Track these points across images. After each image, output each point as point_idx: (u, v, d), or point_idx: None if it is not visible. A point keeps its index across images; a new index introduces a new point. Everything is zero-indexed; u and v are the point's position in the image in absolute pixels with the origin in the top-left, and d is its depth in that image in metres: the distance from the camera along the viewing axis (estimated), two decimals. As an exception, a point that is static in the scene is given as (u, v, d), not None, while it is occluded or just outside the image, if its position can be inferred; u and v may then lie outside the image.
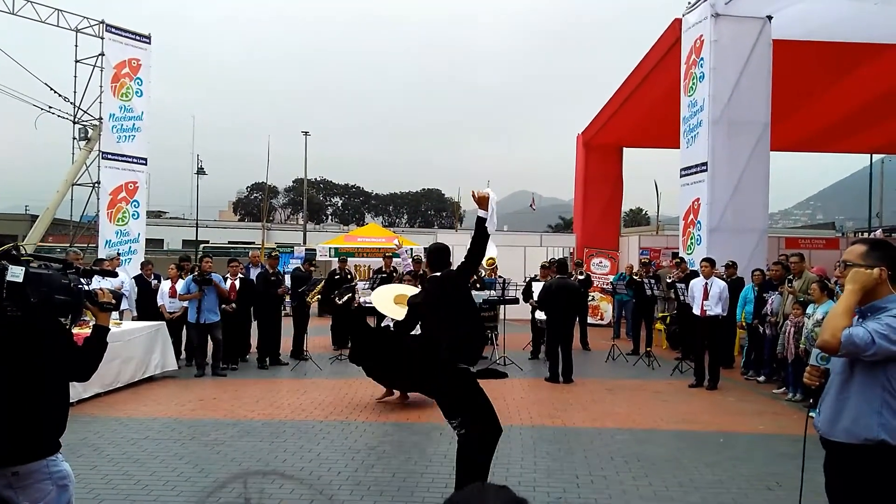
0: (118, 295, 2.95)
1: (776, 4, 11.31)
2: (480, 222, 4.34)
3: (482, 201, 4.31)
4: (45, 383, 2.63)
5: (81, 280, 2.75)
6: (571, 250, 19.16)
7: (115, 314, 9.28)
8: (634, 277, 12.23)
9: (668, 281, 11.33)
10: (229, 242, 65.19)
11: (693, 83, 12.13)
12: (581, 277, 12.38)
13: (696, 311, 9.10)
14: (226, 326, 9.69)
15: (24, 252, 2.65)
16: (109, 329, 2.94)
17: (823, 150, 20.25)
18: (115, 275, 6.74)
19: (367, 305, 9.84)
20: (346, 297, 11.80)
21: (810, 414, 3.02)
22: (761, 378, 9.44)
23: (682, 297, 10.21)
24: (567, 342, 9.43)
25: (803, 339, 7.98)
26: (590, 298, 14.58)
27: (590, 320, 14.67)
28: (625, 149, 19.71)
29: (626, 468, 5.50)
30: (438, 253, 4.73)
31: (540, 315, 10.79)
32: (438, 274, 4.62)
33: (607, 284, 15.88)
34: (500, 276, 12.73)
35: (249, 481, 4.98)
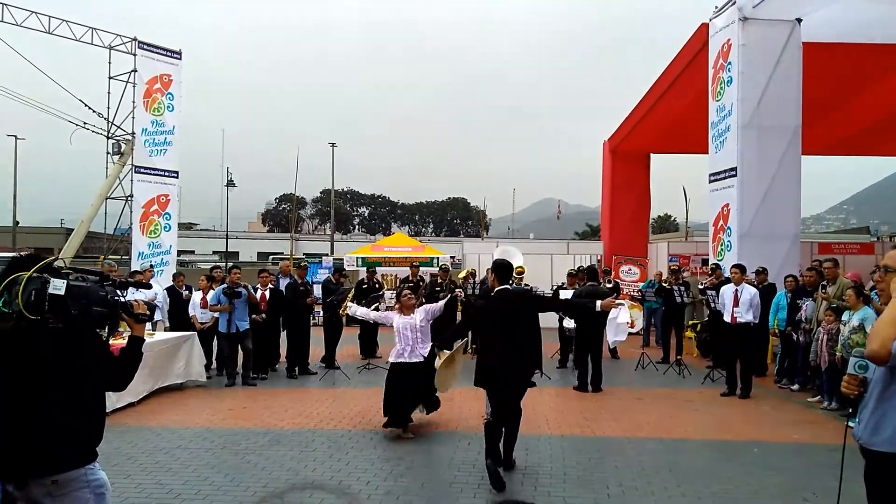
0: (152, 306, 3.02)
1: (806, 7, 11.13)
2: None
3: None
4: (84, 393, 2.69)
5: (118, 292, 2.81)
6: (599, 258, 19.00)
7: (148, 325, 9.46)
8: (664, 285, 12.09)
9: (700, 287, 11.18)
10: (259, 254, 66.29)
11: (721, 87, 11.99)
12: (610, 285, 12.27)
13: (727, 318, 8.96)
14: (255, 336, 9.78)
15: (64, 265, 2.72)
16: (145, 340, 3.00)
17: (857, 153, 19.82)
18: (149, 286, 6.90)
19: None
20: (374, 307, 11.91)
21: (849, 423, 2.95)
22: (795, 386, 9.25)
23: (713, 305, 10.07)
24: (596, 350, 9.36)
25: (839, 347, 7.80)
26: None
27: (620, 328, 14.53)
28: (652, 155, 19.54)
29: (658, 479, 5.42)
30: (504, 269, 5.66)
31: (568, 323, 10.72)
32: (507, 287, 5.56)
33: (636, 292, 15.72)
34: (526, 284, 12.67)
35: (286, 498, 5.01)
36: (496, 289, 5.64)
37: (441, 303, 7.11)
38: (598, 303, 5.72)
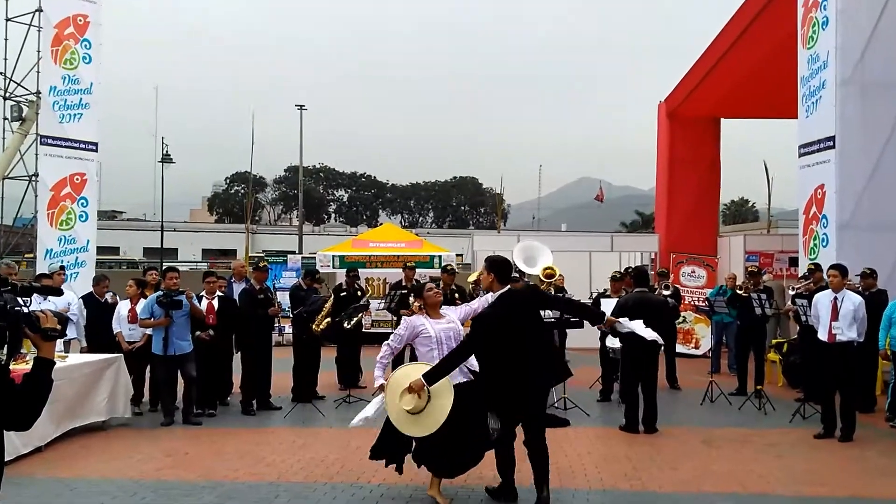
0: (64, 319, 3.02)
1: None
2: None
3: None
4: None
5: (19, 300, 2.82)
6: (653, 256, 18.95)
7: (59, 344, 9.49)
8: (738, 292, 12.07)
9: (791, 292, 11.15)
10: (204, 252, 66.42)
11: (814, 32, 11.96)
12: (667, 292, 12.27)
13: (823, 335, 8.95)
14: (201, 360, 9.81)
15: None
16: (55, 363, 3.01)
17: None
18: (60, 293, 6.89)
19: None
20: (355, 320, 11.95)
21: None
22: (913, 426, 9.24)
23: (804, 318, 10.05)
24: (650, 378, 9.34)
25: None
26: (679, 320, 14.44)
27: (679, 349, 14.51)
28: (723, 120, 19.51)
29: (731, 547, 5.43)
30: (504, 265, 5.93)
31: (612, 342, 10.71)
32: (510, 288, 5.89)
33: (702, 301, 15.70)
34: (561, 292, 12.66)
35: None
36: (498, 293, 5.89)
37: (486, 297, 6.43)
38: (607, 316, 6.57)
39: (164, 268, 10.50)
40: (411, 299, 7.20)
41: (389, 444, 6.47)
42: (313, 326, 10.82)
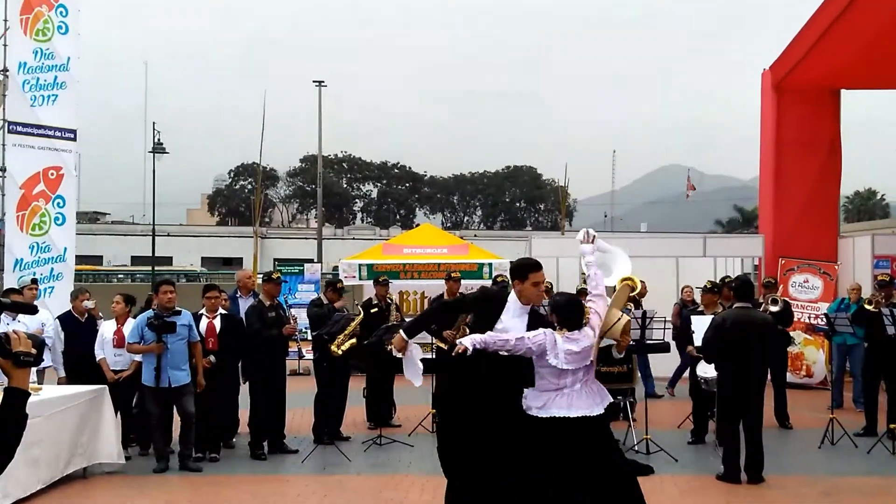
0: (40, 342, 3.06)
1: None
2: None
3: None
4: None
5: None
6: (756, 262, 18.70)
7: (32, 373, 9.60)
8: (867, 306, 11.87)
9: None
10: (204, 260, 67.22)
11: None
12: (774, 308, 12.09)
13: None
14: (201, 392, 9.87)
15: None
16: (29, 394, 3.05)
17: None
18: (34, 310, 6.95)
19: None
20: (387, 342, 11.96)
21: None
22: None
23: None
24: (754, 415, 9.21)
25: None
26: (789, 342, 14.22)
27: (790, 378, 14.28)
28: (844, 92, 19.21)
29: None
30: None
31: (706, 371, 10.60)
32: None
33: (818, 318, 15.44)
34: (631, 307, 12.54)
35: None
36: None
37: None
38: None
39: (157, 281, 10.56)
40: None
41: None
42: (332, 347, 10.73)
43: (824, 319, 12.73)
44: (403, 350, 6.38)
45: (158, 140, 43.48)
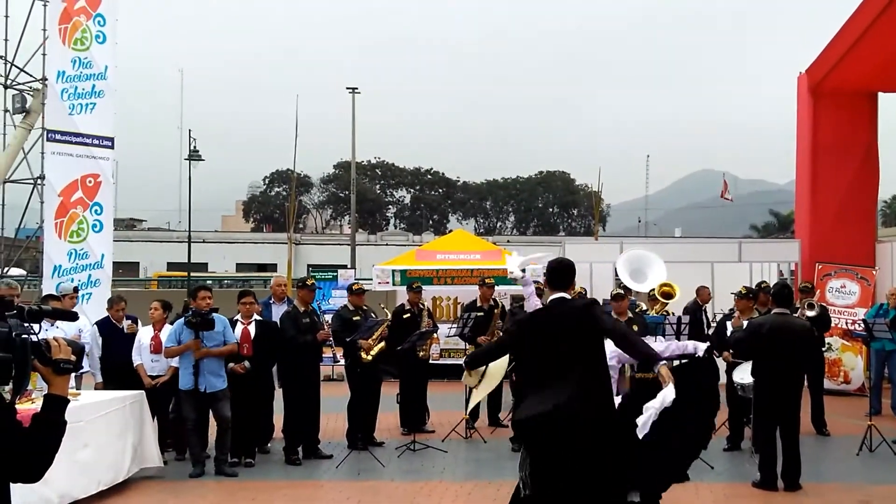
0: (80, 348, 3.09)
1: None
2: None
3: None
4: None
5: (25, 326, 2.89)
6: (793, 267, 18.52)
7: (71, 379, 9.70)
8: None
9: None
10: (239, 266, 67.64)
11: None
12: (811, 313, 11.98)
13: None
14: (236, 397, 9.95)
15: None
16: (69, 401, 3.07)
17: None
18: (74, 317, 6.97)
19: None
20: (420, 349, 12.01)
21: None
22: None
23: None
24: (791, 421, 9.15)
25: None
26: (825, 348, 14.09)
27: (827, 384, 14.14)
28: (881, 95, 19.02)
29: None
30: (561, 270, 6.11)
31: (742, 376, 10.51)
32: (565, 296, 5.96)
33: (856, 324, 15.27)
34: (668, 312, 12.48)
35: None
36: (550, 298, 6.03)
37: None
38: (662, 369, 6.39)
39: (193, 286, 10.60)
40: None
41: None
42: (362, 354, 10.80)
43: (862, 325, 12.62)
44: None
45: (194, 147, 43.67)
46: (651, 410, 6.20)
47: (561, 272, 6.08)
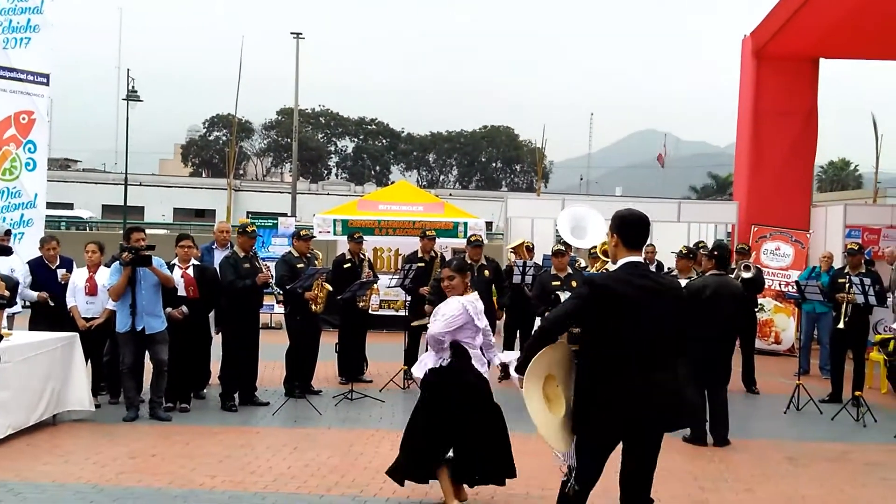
0: (13, 283, 3.04)
1: None
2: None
3: None
4: None
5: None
6: (730, 228, 18.79)
7: (4, 317, 9.54)
8: (840, 279, 11.97)
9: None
10: (176, 211, 66.80)
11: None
12: (747, 275, 12.17)
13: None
14: (173, 342, 9.83)
15: None
16: (2, 337, 3.04)
17: None
18: (8, 251, 6.83)
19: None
20: (360, 299, 11.98)
21: None
22: None
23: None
24: (721, 380, 9.35)
25: None
26: (757, 308, 14.34)
27: (759, 344, 14.43)
28: (823, 61, 19.24)
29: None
30: (639, 225, 5.28)
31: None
32: (640, 261, 5.22)
33: (788, 286, 15.58)
34: (608, 270, 12.57)
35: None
36: (623, 261, 5.17)
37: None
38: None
39: (127, 229, 10.40)
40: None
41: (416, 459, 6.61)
42: (312, 307, 10.82)
43: (795, 287, 12.86)
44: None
45: (133, 88, 42.91)
46: None
47: (642, 227, 5.33)
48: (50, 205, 16.89)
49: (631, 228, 5.20)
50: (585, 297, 5.04)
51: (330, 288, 11.00)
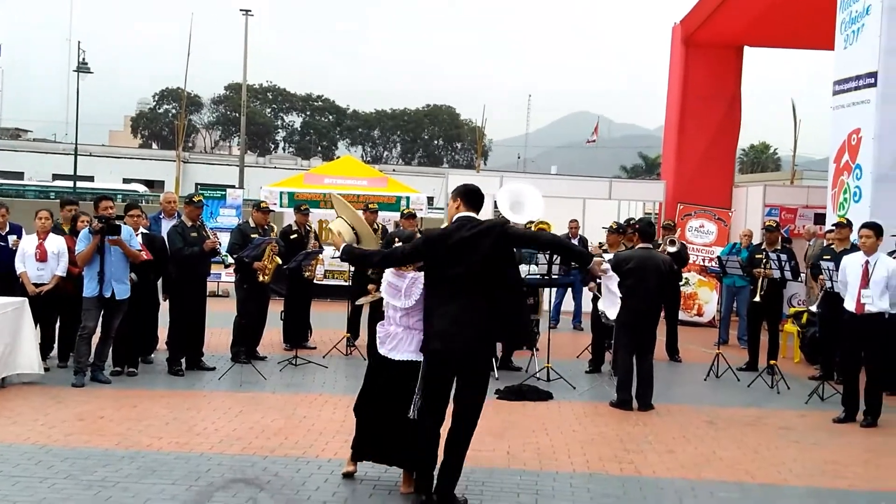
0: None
1: None
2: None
3: None
4: None
5: None
6: (657, 206, 18.98)
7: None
8: (757, 255, 12.17)
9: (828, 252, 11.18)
10: (126, 181, 65.69)
11: (860, -54, 11.88)
12: (672, 249, 12.33)
13: (850, 305, 9.05)
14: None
15: None
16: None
17: None
18: None
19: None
20: (306, 269, 11.91)
21: None
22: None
23: (829, 284, 10.13)
24: (646, 348, 9.47)
25: None
26: (682, 282, 14.54)
27: (682, 316, 14.61)
28: (748, 49, 19.46)
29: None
30: (477, 194, 6.18)
31: (607, 304, 10.77)
32: (472, 216, 6.02)
33: (711, 261, 15.81)
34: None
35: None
36: (456, 216, 6.08)
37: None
38: (595, 259, 6.46)
39: (96, 199, 10.14)
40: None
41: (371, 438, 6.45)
42: (260, 276, 10.71)
43: (717, 262, 13.04)
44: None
45: (83, 59, 41.98)
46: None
47: (479, 195, 6.20)
48: (0, 173, 16.48)
49: (472, 194, 6.15)
50: (418, 244, 6.14)
51: (280, 261, 10.88)
